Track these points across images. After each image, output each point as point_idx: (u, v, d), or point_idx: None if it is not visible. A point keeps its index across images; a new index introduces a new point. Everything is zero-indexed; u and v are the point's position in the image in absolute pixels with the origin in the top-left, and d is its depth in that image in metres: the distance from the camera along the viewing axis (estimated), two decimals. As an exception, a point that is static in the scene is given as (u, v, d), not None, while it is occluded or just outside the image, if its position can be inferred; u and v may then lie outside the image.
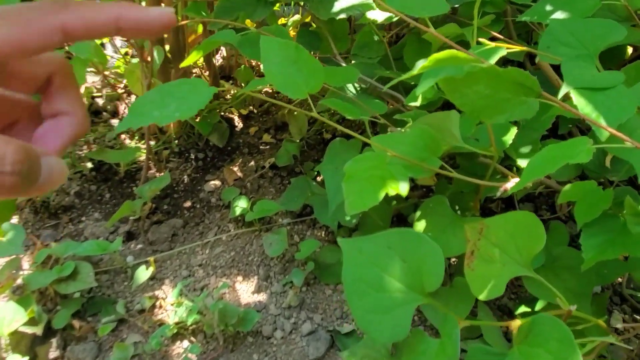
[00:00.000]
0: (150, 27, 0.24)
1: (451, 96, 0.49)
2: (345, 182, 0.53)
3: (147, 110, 0.45)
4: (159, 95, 0.47)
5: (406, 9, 0.51)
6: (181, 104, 0.45)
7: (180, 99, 0.46)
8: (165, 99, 0.46)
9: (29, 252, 0.94)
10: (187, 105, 0.46)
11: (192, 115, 0.44)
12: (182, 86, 0.48)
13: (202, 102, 0.46)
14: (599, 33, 0.56)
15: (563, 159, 0.42)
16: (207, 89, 0.47)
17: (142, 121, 0.45)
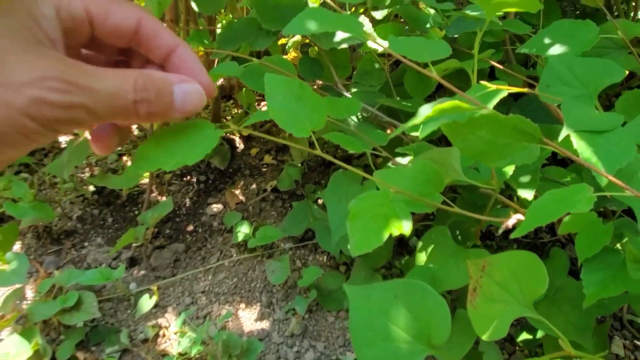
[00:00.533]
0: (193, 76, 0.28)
1: (454, 140, 0.50)
2: (349, 221, 0.53)
3: (154, 156, 0.46)
4: (164, 140, 0.47)
5: (409, 53, 0.52)
6: (188, 149, 0.46)
7: (187, 143, 0.47)
8: (172, 144, 0.47)
9: (32, 280, 0.95)
10: (194, 150, 0.46)
11: (199, 159, 0.45)
12: (188, 129, 0.49)
13: (209, 147, 0.46)
14: (598, 73, 0.57)
15: (564, 207, 0.43)
16: (214, 132, 0.48)
17: (150, 167, 0.46)
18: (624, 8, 1.11)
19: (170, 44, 0.27)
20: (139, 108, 0.24)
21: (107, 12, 0.25)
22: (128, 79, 0.24)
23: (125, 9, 0.25)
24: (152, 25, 0.26)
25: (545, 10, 0.93)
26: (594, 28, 0.69)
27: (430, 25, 0.83)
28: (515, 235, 0.48)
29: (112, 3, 0.25)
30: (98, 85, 0.23)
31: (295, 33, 0.50)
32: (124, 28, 0.25)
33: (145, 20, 0.26)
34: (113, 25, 0.25)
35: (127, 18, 0.25)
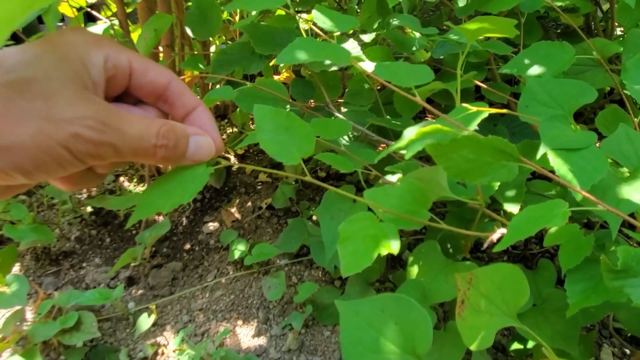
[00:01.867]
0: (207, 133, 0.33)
1: (438, 160, 0.53)
2: (340, 244, 0.55)
3: (154, 200, 0.48)
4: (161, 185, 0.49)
5: (393, 78, 0.55)
6: (182, 190, 0.48)
7: (180, 184, 0.49)
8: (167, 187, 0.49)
9: (31, 301, 0.96)
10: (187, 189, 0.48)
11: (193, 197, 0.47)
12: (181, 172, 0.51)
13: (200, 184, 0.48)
14: (573, 94, 0.61)
15: (542, 222, 0.46)
16: (204, 170, 0.50)
17: (150, 212, 0.48)
18: (603, 25, 1.16)
19: (192, 104, 0.31)
20: (157, 152, 0.28)
21: (146, 68, 0.29)
22: (153, 126, 0.28)
23: (161, 69, 0.30)
24: (180, 86, 0.31)
25: (527, 29, 0.97)
26: (570, 49, 0.73)
27: (416, 48, 0.86)
28: (497, 249, 0.51)
29: (149, 63, 0.30)
30: (127, 128, 0.26)
31: (286, 63, 0.53)
32: (158, 84, 0.30)
33: (175, 81, 0.30)
34: (149, 81, 0.30)
35: (161, 76, 0.30)
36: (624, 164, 0.60)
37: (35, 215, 1.02)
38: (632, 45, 0.81)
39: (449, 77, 0.93)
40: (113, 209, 1.16)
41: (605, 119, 0.78)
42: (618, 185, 0.55)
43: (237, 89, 0.82)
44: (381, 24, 0.93)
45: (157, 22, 0.89)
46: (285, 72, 1.42)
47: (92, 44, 0.27)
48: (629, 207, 0.51)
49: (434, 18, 1.10)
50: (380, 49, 0.88)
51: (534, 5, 0.86)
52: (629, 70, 0.70)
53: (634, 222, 0.48)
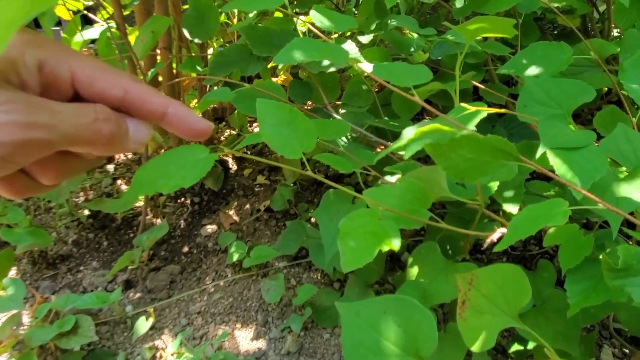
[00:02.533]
0: (189, 128, 0.29)
1: (437, 160, 0.53)
2: (340, 240, 0.55)
3: (152, 179, 0.48)
4: (161, 164, 0.50)
5: (392, 78, 0.55)
6: (184, 172, 0.48)
7: (184, 166, 0.49)
8: (168, 167, 0.49)
9: (28, 305, 0.95)
10: (190, 173, 0.48)
11: (195, 182, 0.47)
12: (184, 153, 0.52)
13: (204, 169, 0.49)
14: (571, 93, 0.60)
15: (542, 221, 0.46)
16: (208, 155, 0.50)
17: (147, 190, 0.48)
18: (600, 27, 1.16)
19: (160, 108, 0.27)
20: (102, 127, 0.25)
21: (92, 80, 0.26)
22: (87, 105, 0.25)
23: (112, 78, 0.26)
24: (139, 93, 0.27)
25: (524, 31, 0.97)
26: (568, 50, 0.73)
27: (414, 49, 0.86)
28: (498, 249, 0.51)
29: (99, 72, 0.26)
30: (58, 106, 0.23)
31: (283, 63, 0.53)
32: (109, 96, 0.26)
33: (132, 89, 0.26)
34: (98, 92, 0.26)
35: (112, 87, 0.26)
36: (623, 163, 0.60)
37: (32, 218, 1.02)
38: (629, 46, 0.81)
39: (447, 78, 0.93)
40: (110, 212, 1.16)
41: (603, 120, 0.78)
42: (617, 184, 0.55)
43: (234, 91, 0.82)
44: (379, 26, 0.93)
45: (154, 24, 0.89)
46: (283, 75, 1.42)
47: (29, 45, 0.25)
48: (628, 205, 0.51)
49: (432, 20, 1.10)
50: (378, 50, 0.88)
51: (531, 6, 0.86)
52: (626, 70, 0.70)
53: (634, 221, 0.48)
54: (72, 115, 0.24)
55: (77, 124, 0.24)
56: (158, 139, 1.03)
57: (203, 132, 0.29)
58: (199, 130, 0.29)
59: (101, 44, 1.14)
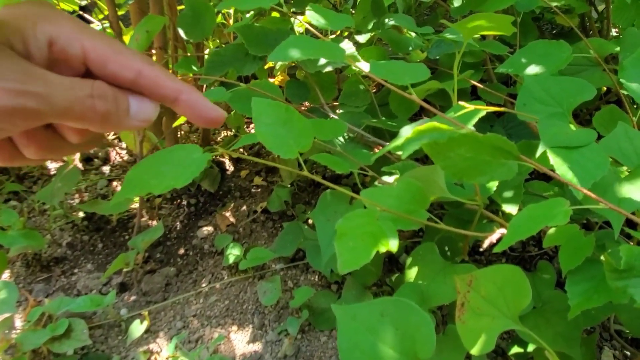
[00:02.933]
0: (201, 116, 0.28)
1: (435, 159, 0.52)
2: (337, 240, 0.54)
3: (144, 179, 0.47)
4: (155, 164, 0.48)
5: (389, 77, 0.54)
6: (177, 172, 0.47)
7: (177, 166, 0.48)
8: (162, 168, 0.48)
9: (21, 308, 0.94)
10: (183, 173, 0.47)
11: (188, 182, 0.46)
12: (177, 152, 0.50)
13: (197, 170, 0.48)
14: (572, 91, 0.60)
15: (542, 221, 0.45)
16: (202, 155, 0.49)
17: (139, 191, 0.47)
18: (598, 26, 1.15)
19: (173, 93, 0.27)
20: (96, 104, 0.24)
21: (105, 60, 0.25)
22: (84, 81, 0.24)
23: (125, 59, 0.25)
24: (153, 75, 0.26)
25: (522, 30, 0.96)
26: (567, 48, 0.72)
27: (412, 48, 0.85)
28: (498, 250, 0.50)
29: (112, 52, 0.25)
30: (53, 77, 0.23)
31: (279, 60, 0.52)
32: (122, 78, 0.25)
33: (145, 72, 0.26)
34: (110, 73, 0.25)
35: (125, 69, 0.25)
36: (624, 162, 0.59)
37: (25, 220, 1.00)
38: (628, 44, 0.81)
39: (445, 78, 0.92)
40: (105, 214, 1.14)
41: (603, 119, 0.78)
42: (619, 183, 0.54)
43: (230, 90, 0.81)
44: (376, 25, 0.92)
45: (149, 23, 0.88)
46: (280, 75, 1.41)
47: (43, 19, 0.24)
48: (630, 205, 0.50)
49: (430, 19, 1.09)
50: (375, 49, 0.87)
51: (529, 5, 0.85)
52: (626, 69, 0.69)
53: (636, 220, 0.47)
54: (66, 88, 0.23)
55: (71, 97, 0.23)
56: (153, 139, 1.02)
57: (215, 120, 0.28)
58: (212, 118, 0.28)
59: (96, 44, 1.13)
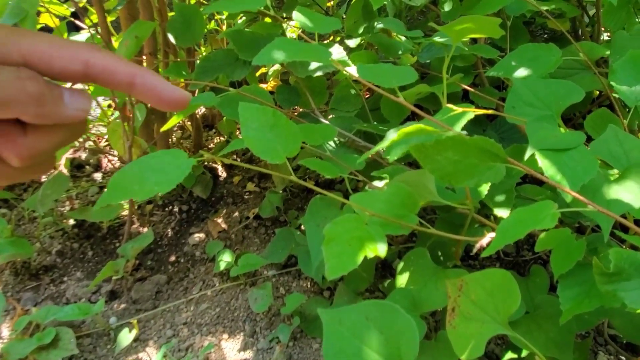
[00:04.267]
0: (161, 98, 0.26)
1: (422, 162, 0.51)
2: (325, 245, 0.53)
3: (127, 184, 0.46)
4: (138, 169, 0.48)
5: (377, 80, 0.53)
6: (160, 178, 0.46)
7: (160, 171, 0.47)
8: (145, 173, 0.47)
9: (8, 317, 0.92)
10: (166, 178, 0.46)
11: (171, 188, 0.45)
12: (162, 158, 0.50)
13: (181, 175, 0.47)
14: (560, 94, 0.59)
15: (530, 224, 0.44)
16: (186, 161, 0.49)
17: (122, 196, 0.46)
18: (590, 31, 1.16)
19: (127, 78, 0.25)
20: (25, 84, 0.22)
21: (48, 59, 0.24)
22: (8, 67, 0.22)
23: (69, 52, 0.24)
24: (103, 63, 0.25)
25: (513, 34, 0.96)
26: (557, 51, 0.72)
27: (401, 52, 0.85)
28: (486, 254, 0.49)
29: (54, 49, 0.24)
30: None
31: (263, 63, 0.52)
32: (70, 73, 0.24)
33: (93, 60, 0.24)
34: (57, 71, 0.24)
35: (71, 62, 0.24)
36: (614, 164, 0.58)
37: (13, 228, 0.99)
38: (618, 47, 0.81)
39: (436, 82, 0.92)
40: (96, 222, 1.13)
41: (594, 122, 0.77)
42: (608, 185, 0.53)
43: (220, 95, 0.80)
44: (367, 29, 0.92)
45: (138, 28, 0.87)
46: (273, 81, 1.41)
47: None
48: (619, 207, 0.49)
49: (420, 24, 1.09)
50: (365, 53, 0.86)
51: (519, 9, 0.85)
52: (616, 72, 0.69)
53: (626, 223, 0.47)
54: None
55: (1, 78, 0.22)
56: (143, 145, 1.02)
57: (178, 102, 0.27)
58: (174, 99, 0.26)
59: (87, 50, 1.12)
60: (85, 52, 0.24)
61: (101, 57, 0.25)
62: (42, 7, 1.09)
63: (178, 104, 0.27)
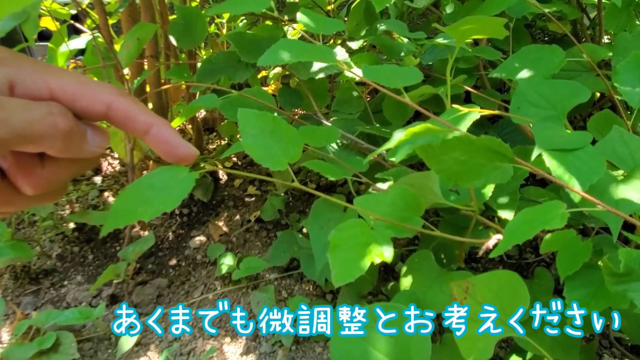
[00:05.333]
0: (170, 152, 0.27)
1: (429, 162, 0.51)
2: (330, 252, 0.52)
3: (131, 207, 0.44)
4: (139, 189, 0.46)
5: (382, 80, 0.53)
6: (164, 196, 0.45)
7: (163, 189, 0.46)
8: (147, 192, 0.45)
9: (8, 322, 0.92)
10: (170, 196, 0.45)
11: (176, 205, 0.44)
12: (163, 175, 0.48)
13: (185, 191, 0.45)
14: (566, 94, 0.59)
15: (539, 224, 0.44)
16: (188, 175, 0.47)
17: (126, 220, 0.44)
18: (590, 33, 1.16)
19: (144, 127, 0.26)
20: (58, 120, 0.23)
21: (73, 97, 0.24)
22: (39, 102, 0.23)
23: (94, 93, 0.25)
24: (124, 108, 0.25)
25: (515, 36, 0.96)
26: (560, 52, 0.72)
27: (404, 54, 0.85)
28: (494, 255, 0.48)
29: (80, 87, 0.25)
30: (6, 101, 0.22)
31: (269, 64, 0.51)
32: (92, 113, 0.25)
33: (116, 104, 0.25)
34: (80, 110, 0.24)
35: (95, 103, 0.25)
36: (620, 165, 0.58)
37: (13, 231, 0.98)
38: (621, 49, 0.81)
39: (439, 84, 0.92)
40: (96, 225, 1.13)
41: (597, 124, 0.77)
42: (615, 186, 0.53)
43: (222, 98, 0.80)
44: (369, 31, 0.92)
45: (140, 31, 0.87)
46: (274, 84, 1.40)
47: (0, 62, 0.23)
48: (628, 207, 0.49)
49: (422, 26, 1.09)
50: (368, 55, 0.86)
51: (521, 10, 0.85)
52: (619, 73, 0.69)
53: (634, 222, 0.46)
54: (23, 110, 0.22)
55: (30, 117, 0.22)
56: (144, 148, 1.01)
57: (185, 158, 0.28)
58: (181, 155, 0.28)
59: (88, 53, 1.12)
60: (109, 95, 0.25)
61: (124, 102, 0.25)
62: (42, 11, 1.08)
63: (186, 159, 0.28)
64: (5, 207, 0.26)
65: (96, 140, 0.25)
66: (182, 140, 0.28)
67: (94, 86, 0.25)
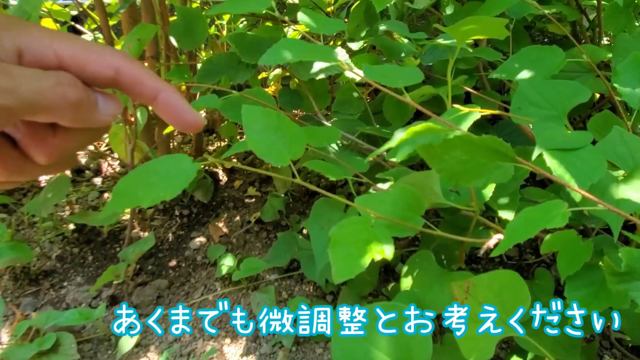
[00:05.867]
0: (178, 117, 0.27)
1: (430, 162, 0.51)
2: (331, 248, 0.53)
3: (132, 191, 0.45)
4: (143, 175, 0.47)
5: (383, 80, 0.53)
6: (166, 183, 0.45)
7: (165, 177, 0.46)
8: (150, 178, 0.46)
9: (8, 323, 0.91)
10: (172, 183, 0.46)
11: (177, 193, 0.44)
12: (166, 163, 0.49)
13: (186, 180, 0.46)
14: (566, 94, 0.59)
15: (540, 224, 0.44)
16: (191, 165, 0.48)
17: (127, 204, 0.45)
18: (590, 35, 1.16)
19: (152, 92, 0.26)
20: (67, 91, 0.23)
21: (82, 62, 0.24)
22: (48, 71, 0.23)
23: (103, 57, 0.25)
24: (133, 73, 0.25)
25: (515, 38, 0.96)
26: (560, 53, 0.72)
27: (404, 55, 0.85)
28: (495, 254, 0.48)
29: (88, 53, 0.24)
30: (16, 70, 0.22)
31: (271, 63, 0.51)
32: (102, 78, 0.25)
33: (124, 69, 0.25)
34: (89, 75, 0.24)
35: (104, 67, 0.25)
36: (620, 165, 0.58)
37: (13, 232, 0.98)
38: (621, 50, 0.81)
39: (439, 85, 0.92)
40: (96, 226, 1.12)
41: (597, 124, 0.77)
42: (616, 185, 0.53)
43: (222, 98, 0.80)
44: (369, 32, 0.92)
45: (140, 32, 0.87)
46: (274, 85, 1.41)
47: (8, 28, 0.23)
48: (629, 206, 0.49)
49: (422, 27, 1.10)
50: (368, 56, 0.86)
51: (521, 12, 0.86)
52: (619, 74, 0.69)
53: (635, 221, 0.46)
54: (32, 79, 0.22)
55: (39, 87, 0.22)
56: (145, 149, 1.01)
57: (192, 124, 0.27)
58: (189, 121, 0.27)
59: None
60: (117, 59, 0.25)
61: (132, 66, 0.25)
62: (43, 12, 1.09)
63: (194, 126, 0.27)
64: (18, 176, 0.26)
65: (108, 109, 0.25)
66: (190, 107, 0.27)
67: (102, 50, 0.25)
